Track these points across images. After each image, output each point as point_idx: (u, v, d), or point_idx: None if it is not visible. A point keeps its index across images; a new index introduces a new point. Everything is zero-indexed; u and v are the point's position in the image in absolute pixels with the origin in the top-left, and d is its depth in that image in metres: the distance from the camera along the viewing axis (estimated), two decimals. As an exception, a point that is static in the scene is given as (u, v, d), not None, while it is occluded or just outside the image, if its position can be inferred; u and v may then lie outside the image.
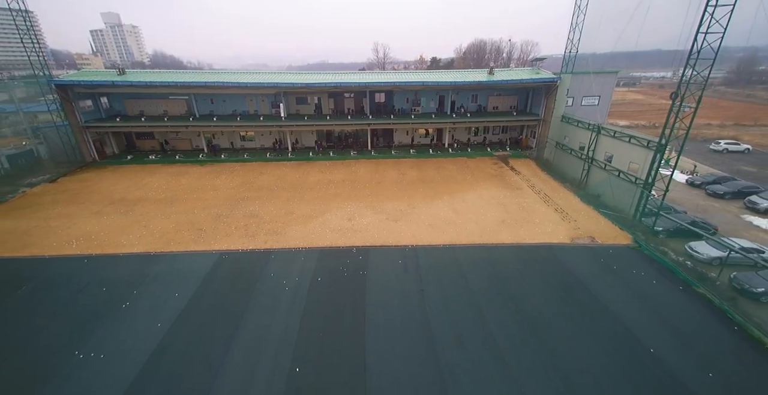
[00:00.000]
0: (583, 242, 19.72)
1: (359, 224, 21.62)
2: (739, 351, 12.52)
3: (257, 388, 11.07)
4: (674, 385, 11.12)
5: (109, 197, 26.18)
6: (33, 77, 31.80)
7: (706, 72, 19.66)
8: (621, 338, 13.00)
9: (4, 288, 15.84)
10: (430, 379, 11.35)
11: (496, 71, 38.04)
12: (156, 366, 11.87)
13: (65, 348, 12.56)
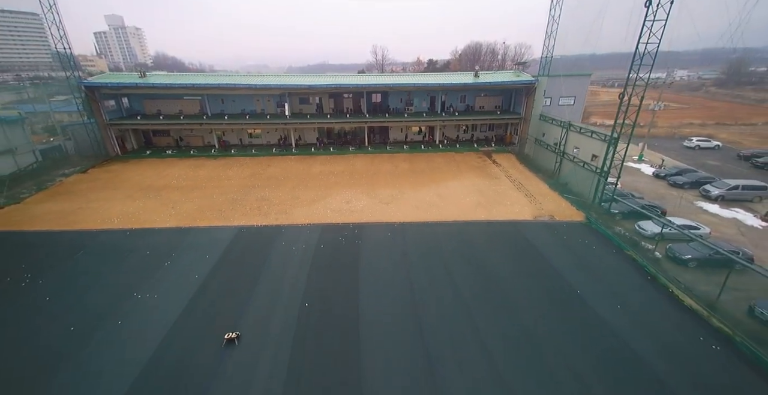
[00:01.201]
0: (543, 219, 23.42)
1: (355, 206, 25.33)
2: (646, 292, 16.20)
3: (276, 317, 14.70)
4: (592, 315, 14.77)
5: (137, 184, 29.89)
6: (64, 79, 35.52)
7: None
8: (558, 285, 16.67)
9: (65, 252, 19.50)
10: (408, 311, 14.99)
11: (481, 74, 41.78)
12: (196, 304, 15.49)
13: (125, 291, 16.21)
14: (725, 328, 13.84)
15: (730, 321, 14.13)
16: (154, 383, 11.71)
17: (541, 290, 16.33)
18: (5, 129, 32.04)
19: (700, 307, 15.04)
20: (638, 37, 22.57)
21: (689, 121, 76.65)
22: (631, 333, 13.75)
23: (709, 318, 14.46)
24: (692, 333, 13.75)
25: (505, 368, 12.26)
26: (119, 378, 11.84)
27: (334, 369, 12.27)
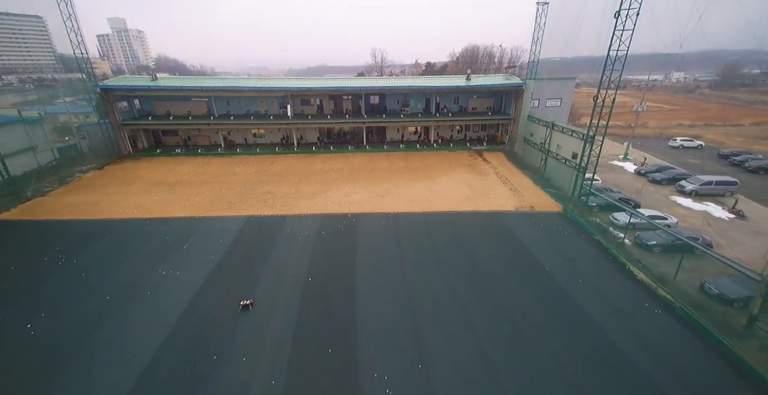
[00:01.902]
0: (524, 210, 25.75)
1: (354, 199, 27.66)
2: (605, 268, 18.54)
3: (284, 289, 16.99)
4: (555, 286, 17.08)
5: (151, 180, 32.22)
6: (70, 81, 37.95)
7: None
8: (530, 263, 18.98)
9: (93, 237, 21.79)
10: (399, 286, 17.28)
11: (472, 77, 44.20)
12: (214, 279, 17.78)
13: (151, 269, 18.50)
14: (669, 297, 16.14)
15: (680, 294, 16.43)
16: (183, 337, 13.99)
17: (515, 267, 18.64)
18: (27, 129, 34.40)
19: (651, 281, 17.35)
20: (609, 45, 24.96)
21: (679, 122, 79.00)
22: (587, 299, 16.06)
23: (657, 290, 16.77)
24: (639, 300, 16.05)
25: (477, 323, 14.54)
26: (154, 332, 14.13)
27: (335, 326, 14.56)
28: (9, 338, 14.04)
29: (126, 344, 13.69)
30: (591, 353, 13.30)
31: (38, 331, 14.35)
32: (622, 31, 24.44)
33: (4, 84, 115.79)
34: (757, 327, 14.68)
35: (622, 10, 23.60)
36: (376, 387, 11.91)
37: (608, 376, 12.34)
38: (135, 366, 12.64)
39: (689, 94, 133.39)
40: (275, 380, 12.16)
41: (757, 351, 13.58)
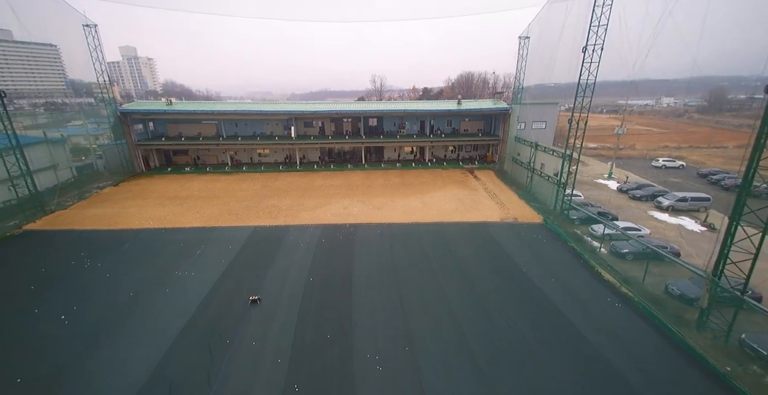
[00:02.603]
0: (508, 221, 28.02)
1: (352, 211, 30.00)
2: (577, 271, 20.56)
3: (288, 287, 18.99)
4: (530, 284, 19.09)
5: (164, 195, 34.68)
6: (99, 105, 41.21)
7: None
8: (509, 265, 21.07)
9: (112, 245, 23.95)
10: (391, 284, 19.30)
11: (463, 102, 47.74)
12: (225, 278, 19.82)
13: (168, 271, 20.56)
14: (629, 293, 18.16)
15: (641, 292, 18.44)
16: (200, 326, 15.92)
17: (495, 269, 20.71)
18: (50, 148, 37.24)
19: (615, 280, 19.41)
20: (579, 74, 28.17)
21: (666, 144, 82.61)
22: (557, 294, 18.06)
23: (620, 288, 18.80)
24: (603, 296, 18.05)
25: (460, 314, 16.48)
26: (174, 322, 16.07)
27: (333, 317, 16.50)
28: (46, 327, 15.97)
29: (148, 332, 15.60)
30: (555, 336, 15.21)
31: (71, 321, 16.30)
32: (590, 63, 27.71)
33: (15, 108, 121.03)
34: (708, 320, 16.59)
35: (588, 45, 26.95)
36: (368, 364, 13.77)
37: (568, 355, 14.21)
38: (159, 349, 14.52)
39: (678, 118, 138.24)
40: (281, 359, 14.04)
41: (702, 338, 15.49)
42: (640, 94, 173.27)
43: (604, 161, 57.58)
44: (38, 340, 15.11)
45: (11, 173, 28.38)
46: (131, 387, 12.72)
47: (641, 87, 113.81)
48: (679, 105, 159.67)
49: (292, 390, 12.63)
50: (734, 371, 13.77)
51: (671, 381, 13.17)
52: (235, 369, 13.56)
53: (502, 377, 13.20)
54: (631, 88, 26.18)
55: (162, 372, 13.38)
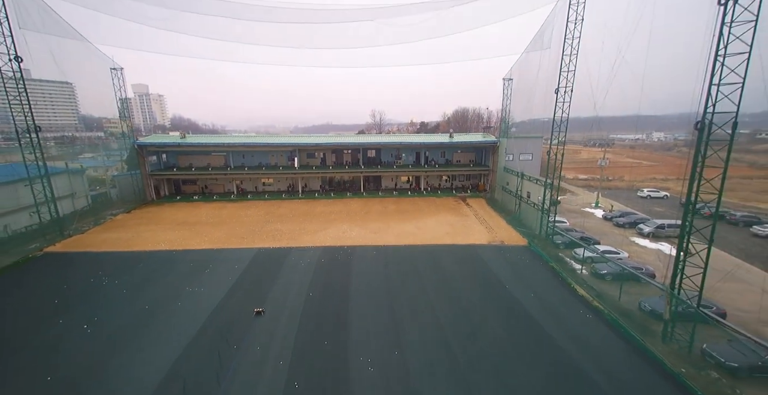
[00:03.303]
0: (495, 244, 30.11)
1: (350, 235, 32.15)
2: (554, 287, 22.37)
3: (290, 300, 20.75)
4: (511, 298, 20.87)
5: (174, 221, 36.99)
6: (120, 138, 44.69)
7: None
8: (493, 282, 22.90)
9: (127, 265, 25.89)
10: (384, 297, 21.08)
11: (455, 135, 51.45)
12: (232, 293, 21.62)
13: (179, 287, 22.40)
14: (601, 307, 19.93)
15: (612, 306, 20.20)
16: (209, 335, 17.60)
17: (480, 284, 22.56)
18: (70, 178, 40.11)
19: (589, 296, 21.22)
20: (554, 112, 31.56)
21: (653, 176, 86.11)
22: (534, 306, 19.81)
23: (592, 302, 20.58)
24: (575, 308, 19.80)
25: (445, 323, 18.18)
26: (186, 330, 17.77)
27: (331, 326, 18.19)
28: (70, 334, 17.66)
29: (163, 339, 17.28)
30: (529, 341, 16.87)
31: (93, 330, 18.02)
32: (563, 102, 31.19)
33: (26, 142, 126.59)
34: (673, 331, 18.22)
35: (560, 87, 30.55)
36: (362, 365, 15.39)
37: (541, 357, 15.83)
38: (173, 353, 16.16)
39: (668, 152, 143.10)
40: (282, 361, 15.67)
41: (668, 348, 17.10)
42: (629, 130, 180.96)
43: (593, 191, 60.41)
44: (64, 345, 16.79)
45: (37, 200, 30.90)
46: (149, 384, 14.31)
47: (629, 122, 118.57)
48: (669, 139, 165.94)
49: (292, 387, 14.21)
50: (689, 372, 15.36)
51: (631, 379, 14.74)
52: (242, 369, 15.18)
53: (481, 377, 14.79)
54: (595, 123, 29.32)
55: (176, 372, 14.99)
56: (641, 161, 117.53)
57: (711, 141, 16.99)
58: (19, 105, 29.27)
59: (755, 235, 38.05)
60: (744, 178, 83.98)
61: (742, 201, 57.24)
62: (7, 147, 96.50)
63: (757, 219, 41.52)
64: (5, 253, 27.69)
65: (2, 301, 21.14)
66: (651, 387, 14.42)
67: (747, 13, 15.29)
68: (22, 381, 14.54)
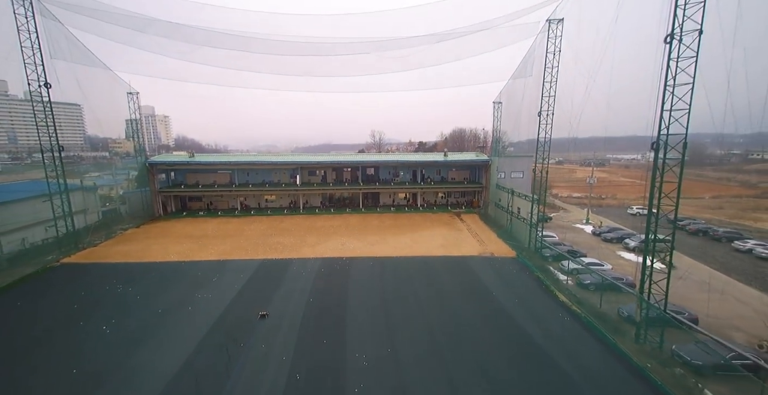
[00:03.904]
0: (485, 255, 31.90)
1: (348, 247, 33.99)
2: (537, 294, 24.06)
3: (291, 305, 22.41)
4: (496, 304, 22.53)
5: (182, 234, 38.90)
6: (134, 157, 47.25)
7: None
8: (481, 289, 24.60)
9: (140, 274, 27.65)
10: (378, 303, 22.74)
11: (449, 154, 54.11)
12: (238, 299, 23.29)
13: (189, 294, 24.10)
14: (578, 311, 21.59)
15: (589, 310, 21.86)
16: (218, 334, 19.23)
17: (470, 292, 24.25)
18: (84, 195, 42.33)
19: (569, 301, 22.89)
20: (537, 134, 34.15)
21: (644, 194, 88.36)
22: (517, 310, 21.47)
23: (571, 306, 22.25)
24: (555, 312, 21.46)
25: (434, 324, 19.81)
26: (197, 331, 19.39)
27: (329, 327, 19.81)
28: (91, 334, 19.30)
29: (176, 338, 18.90)
30: (510, 339, 18.50)
31: (112, 331, 19.65)
32: (546, 125, 33.84)
33: (33, 161, 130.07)
34: (646, 333, 19.78)
35: (541, 111, 33.28)
36: (357, 360, 16.97)
37: (519, 353, 17.42)
38: (186, 349, 17.77)
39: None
40: (285, 356, 17.26)
41: (641, 348, 18.66)
42: (626, 150, 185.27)
43: (586, 208, 62.55)
44: (86, 343, 18.41)
45: (56, 214, 32.96)
46: (165, 375, 15.89)
47: (621, 142, 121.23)
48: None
49: (294, 379, 15.78)
50: (654, 367, 16.93)
51: (599, 371, 16.32)
52: (249, 363, 16.77)
53: (464, 370, 16.37)
54: (571, 144, 31.78)
55: (189, 365, 16.58)
56: (635, 180, 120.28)
57: (669, 159, 19.16)
58: (45, 127, 31.87)
59: (736, 250, 39.79)
60: (734, 197, 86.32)
61: (729, 219, 59.29)
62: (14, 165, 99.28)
63: (739, 235, 43.41)
64: (25, 263, 29.53)
65: (26, 306, 22.84)
66: (616, 378, 15.99)
67: (689, 50, 17.91)
68: (51, 373, 16.14)
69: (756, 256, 37.36)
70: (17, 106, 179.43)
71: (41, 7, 30.56)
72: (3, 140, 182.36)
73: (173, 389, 15.11)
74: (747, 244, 39.67)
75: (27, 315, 21.63)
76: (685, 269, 33.72)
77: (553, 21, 31.36)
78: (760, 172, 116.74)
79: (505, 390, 15.17)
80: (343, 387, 15.24)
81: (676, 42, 18.09)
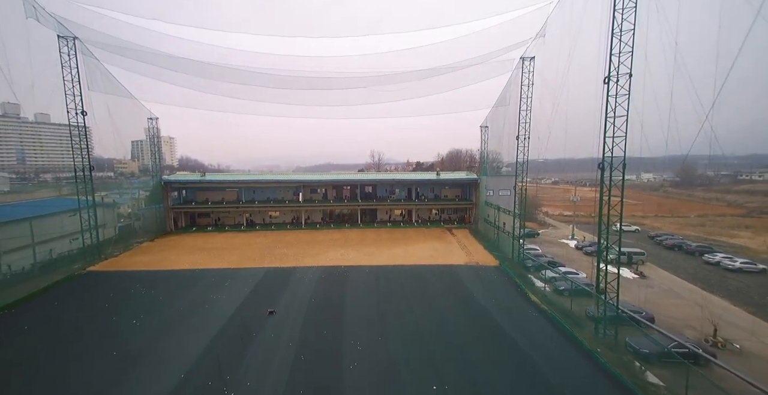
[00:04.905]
0: (471, 264, 35.19)
1: (347, 257, 37.31)
2: (513, 296, 27.23)
3: (295, 304, 25.56)
4: (477, 304, 25.70)
5: (194, 247, 42.28)
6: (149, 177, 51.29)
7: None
8: (464, 292, 27.80)
9: (160, 280, 30.88)
10: (373, 302, 25.88)
11: (441, 173, 58.25)
12: (249, 299, 26.44)
13: (205, 296, 27.29)
14: (546, 308, 24.77)
15: (556, 308, 25.02)
16: (232, 327, 22.35)
17: (454, 295, 27.45)
18: (104, 211, 46.02)
19: (538, 301, 26.11)
20: (516, 155, 38.23)
21: (632, 213, 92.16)
22: (493, 307, 24.63)
23: (541, 305, 25.43)
24: (525, 309, 24.63)
25: (421, 319, 22.93)
26: (214, 324, 22.53)
27: (329, 321, 22.93)
28: (124, 326, 22.44)
29: (196, 330, 22.00)
30: (485, 330, 21.63)
31: (141, 324, 22.81)
32: (523, 147, 37.98)
33: (39, 181, 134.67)
34: (605, 327, 22.85)
35: (519, 135, 37.50)
36: (352, 346, 20.05)
37: (492, 342, 20.52)
38: (205, 339, 20.87)
39: (654, 192, 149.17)
40: (291, 343, 20.37)
41: (599, 340, 21.71)
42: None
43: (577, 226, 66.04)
44: (121, 333, 21.55)
45: (83, 227, 36.51)
46: (191, 355, 18.98)
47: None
48: (658, 180, 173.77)
49: (299, 360, 18.86)
50: (603, 352, 20.02)
51: (557, 354, 19.40)
52: (261, 349, 19.86)
53: (444, 354, 19.46)
54: (542, 166, 35.73)
55: (210, 351, 19.67)
56: (627, 200, 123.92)
57: (611, 180, 22.88)
58: (79, 149, 36.03)
59: (706, 262, 43.03)
60: (718, 216, 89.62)
61: (706, 235, 62.66)
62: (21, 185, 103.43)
63: (710, 249, 46.74)
64: (55, 271, 32.85)
65: (62, 305, 26.03)
66: (569, 358, 19.07)
67: (623, 89, 22.11)
68: (97, 355, 19.26)
69: (723, 268, 40.58)
70: (28, 128, 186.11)
71: (82, 46, 35.41)
72: (11, 161, 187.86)
73: (200, 365, 18.20)
74: (716, 257, 42.93)
75: (65, 312, 24.82)
76: (657, 279, 37.02)
77: (526, 58, 36.16)
78: (749, 192, 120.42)
79: (475, 363, 18.28)
80: (340, 364, 18.33)
81: (613, 82, 22.32)
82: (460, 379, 17.10)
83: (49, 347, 20.16)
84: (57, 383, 16.94)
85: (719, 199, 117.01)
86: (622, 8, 21.32)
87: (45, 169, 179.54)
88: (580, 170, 58.38)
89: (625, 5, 21.30)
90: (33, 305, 26.15)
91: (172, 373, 17.40)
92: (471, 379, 17.12)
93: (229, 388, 16.26)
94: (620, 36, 21.71)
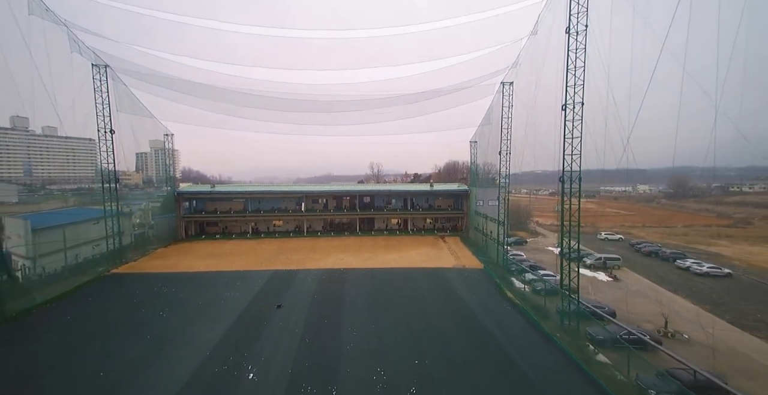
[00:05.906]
0: (458, 267, 38.84)
1: (345, 261, 40.99)
2: (492, 294, 30.83)
3: (300, 300, 29.15)
4: (460, 301, 29.29)
5: (205, 253, 46.00)
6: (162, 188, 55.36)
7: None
8: (449, 291, 31.39)
9: (178, 281, 34.52)
10: (368, 298, 29.49)
11: (435, 185, 62.32)
12: (258, 296, 30.03)
13: (219, 294, 30.89)
14: (520, 304, 28.39)
15: (527, 303, 28.60)
16: (246, 318, 25.95)
17: (441, 294, 31.06)
18: (123, 219, 49.89)
19: (514, 298, 29.74)
20: (499, 168, 42.33)
21: (622, 223, 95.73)
22: (473, 302, 28.22)
23: (514, 300, 29.05)
24: (501, 304, 28.26)
25: (411, 313, 26.51)
26: (230, 316, 26.14)
27: (329, 312, 26.53)
28: (152, 317, 26.06)
29: (215, 320, 25.58)
30: (464, 320, 25.22)
31: (167, 315, 26.43)
32: (506, 162, 42.12)
33: (46, 192, 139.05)
34: (570, 320, 26.33)
35: (501, 151, 41.67)
36: (350, 333, 23.62)
37: (470, 330, 24.09)
38: (223, 327, 24.47)
39: (647, 203, 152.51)
40: (297, 329, 23.97)
41: (563, 330, 25.24)
42: (620, 182, 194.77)
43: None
44: (151, 322, 25.16)
45: (107, 234, 40.35)
46: (212, 340, 22.55)
47: (617, 176, 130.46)
48: (654, 192, 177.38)
49: (305, 342, 22.43)
50: (562, 337, 23.57)
51: (522, 338, 22.97)
52: (272, 334, 23.43)
53: (428, 339, 23.05)
54: (522, 178, 39.71)
55: (228, 336, 23.25)
56: (620, 211, 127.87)
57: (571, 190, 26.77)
58: (106, 164, 40.21)
59: (678, 267, 46.66)
60: (704, 226, 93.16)
61: (686, 243, 66.28)
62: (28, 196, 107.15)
63: (683, 255, 50.39)
64: (83, 273, 36.52)
65: (95, 301, 29.66)
66: (531, 341, 22.66)
67: (577, 115, 26.27)
68: (134, 336, 22.89)
69: (692, 272, 44.19)
70: (35, 141, 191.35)
71: (113, 73, 39.99)
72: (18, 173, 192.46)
73: (220, 346, 21.80)
74: (686, 262, 46.61)
75: (98, 305, 28.45)
76: (629, 281, 40.64)
77: (506, 83, 40.65)
78: (738, 203, 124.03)
79: (450, 343, 21.92)
80: (339, 345, 21.92)
81: (570, 109, 26.51)
82: (438, 355, 20.69)
83: (91, 332, 23.78)
84: (104, 359, 20.52)
85: (709, 210, 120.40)
86: (575, 49, 25.67)
87: (52, 180, 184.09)
88: (555, 183, 62.70)
89: (578, 47, 25.67)
90: (69, 301, 29.78)
91: (199, 350, 21.04)
92: (446, 355, 20.72)
93: (247, 361, 19.87)
94: (574, 71, 25.99)
